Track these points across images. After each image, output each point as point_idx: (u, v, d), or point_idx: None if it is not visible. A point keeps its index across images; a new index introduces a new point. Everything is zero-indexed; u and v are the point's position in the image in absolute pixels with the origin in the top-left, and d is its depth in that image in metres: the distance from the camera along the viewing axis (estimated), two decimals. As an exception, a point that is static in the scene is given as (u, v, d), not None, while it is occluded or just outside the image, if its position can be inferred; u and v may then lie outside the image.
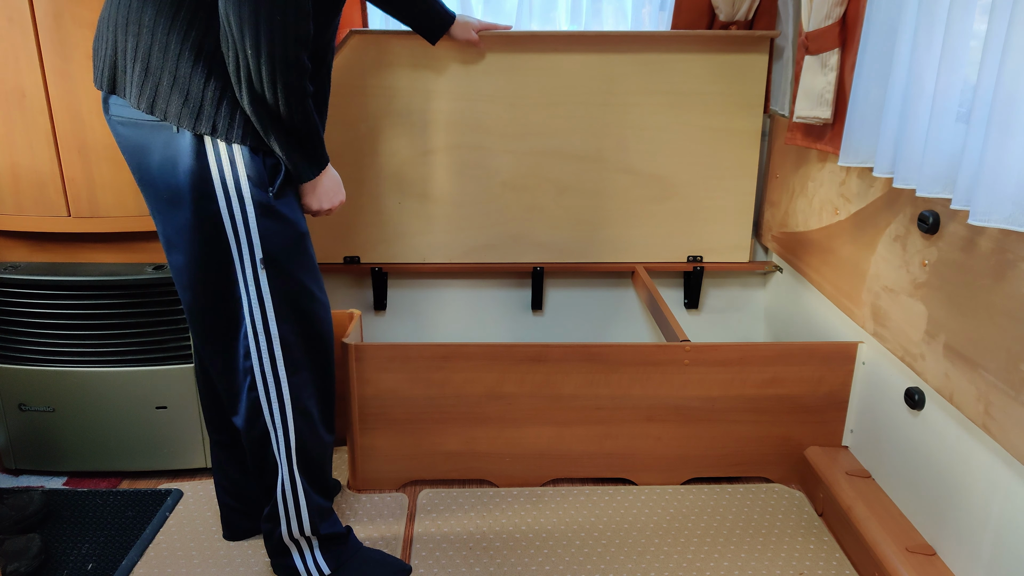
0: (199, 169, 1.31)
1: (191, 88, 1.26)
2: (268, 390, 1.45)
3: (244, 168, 1.31)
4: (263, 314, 1.40)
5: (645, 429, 1.91)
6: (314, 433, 1.52)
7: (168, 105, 1.28)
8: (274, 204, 1.35)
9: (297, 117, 1.28)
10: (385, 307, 2.43)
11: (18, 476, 1.97)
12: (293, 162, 1.34)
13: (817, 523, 1.82)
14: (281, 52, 1.21)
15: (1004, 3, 1.18)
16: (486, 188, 2.28)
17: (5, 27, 1.66)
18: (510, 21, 2.31)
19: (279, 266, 1.38)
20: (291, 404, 1.46)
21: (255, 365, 1.43)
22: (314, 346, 1.48)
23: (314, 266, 1.45)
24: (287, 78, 1.23)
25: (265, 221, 1.35)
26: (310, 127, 1.31)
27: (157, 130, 1.31)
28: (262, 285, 1.38)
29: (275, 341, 1.42)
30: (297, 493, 1.52)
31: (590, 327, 2.50)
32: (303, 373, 1.47)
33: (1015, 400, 1.28)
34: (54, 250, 1.87)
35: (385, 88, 2.18)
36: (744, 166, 2.30)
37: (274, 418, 1.47)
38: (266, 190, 1.33)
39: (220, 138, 1.28)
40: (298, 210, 1.41)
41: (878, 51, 1.59)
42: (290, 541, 1.56)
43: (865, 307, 1.78)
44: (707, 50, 2.19)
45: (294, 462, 1.50)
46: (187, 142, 1.29)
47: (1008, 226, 1.21)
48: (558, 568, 1.67)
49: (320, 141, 1.37)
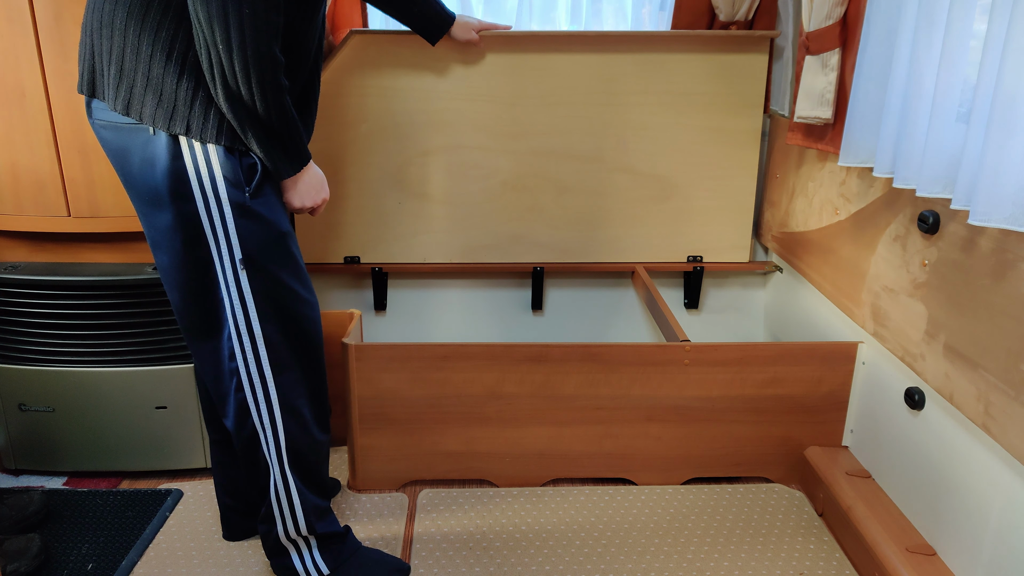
0: (176, 170, 1.31)
1: (164, 89, 1.27)
2: (255, 391, 1.45)
3: (220, 168, 1.31)
4: (245, 314, 1.40)
5: (645, 429, 1.91)
6: (306, 432, 1.52)
7: (143, 107, 1.28)
8: (251, 204, 1.34)
9: (274, 113, 1.27)
10: (385, 307, 2.43)
11: (18, 476, 1.97)
12: (272, 159, 1.33)
13: (817, 523, 1.82)
14: (253, 45, 1.20)
15: (1004, 3, 1.18)
16: (486, 188, 2.28)
17: (5, 27, 1.66)
18: (510, 21, 2.31)
19: (259, 266, 1.38)
20: (279, 404, 1.46)
21: (240, 366, 1.43)
22: (300, 345, 1.47)
23: (298, 265, 1.44)
24: (260, 72, 1.22)
25: (242, 221, 1.34)
26: (287, 123, 1.31)
27: (135, 132, 1.31)
28: (243, 285, 1.38)
29: (259, 341, 1.41)
30: (290, 493, 1.52)
31: (590, 327, 2.50)
32: (291, 373, 1.47)
33: (1015, 400, 1.28)
34: (54, 250, 1.87)
35: (385, 88, 2.17)
36: (744, 166, 2.30)
37: (262, 419, 1.47)
38: (243, 190, 1.33)
39: (195, 138, 1.29)
40: (278, 209, 1.39)
41: (878, 51, 1.59)
42: (287, 541, 1.56)
43: (865, 307, 1.78)
44: (707, 50, 2.19)
45: (285, 462, 1.50)
46: (163, 143, 1.30)
47: (1008, 226, 1.21)
48: (558, 568, 1.67)
49: (300, 137, 1.35)
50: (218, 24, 1.18)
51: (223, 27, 1.18)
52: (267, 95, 1.25)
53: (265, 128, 1.29)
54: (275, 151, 1.32)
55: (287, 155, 1.35)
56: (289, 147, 1.34)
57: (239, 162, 1.32)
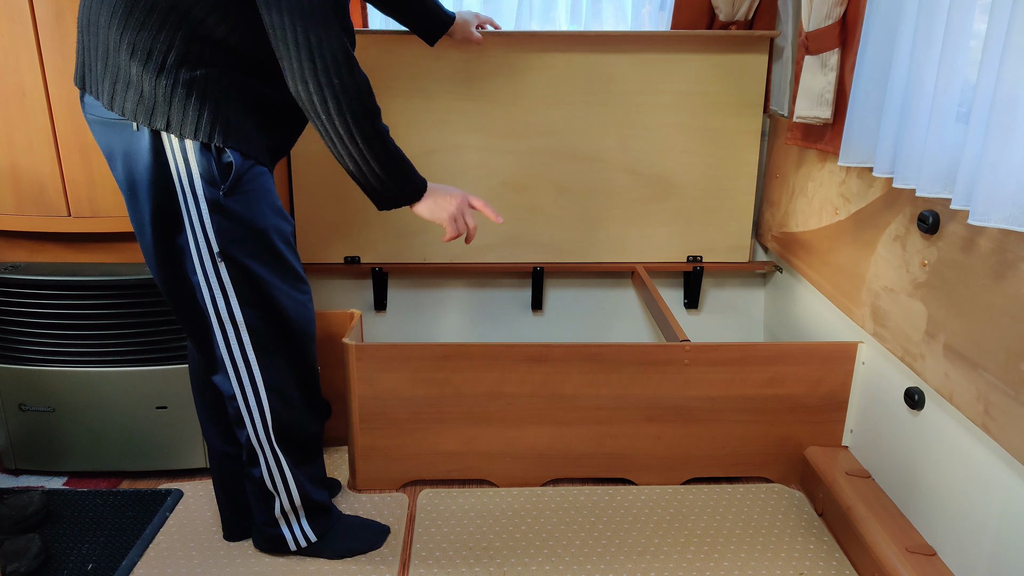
0: (158, 165, 1.34)
1: (144, 86, 1.28)
2: (240, 373, 1.47)
3: (196, 165, 1.32)
4: (227, 303, 1.42)
5: (645, 429, 1.91)
6: (293, 411, 1.55)
7: (126, 102, 1.30)
8: (225, 202, 1.35)
9: (382, 158, 1.37)
10: (385, 307, 2.43)
11: (18, 476, 1.97)
12: (390, 196, 1.43)
13: (817, 523, 1.82)
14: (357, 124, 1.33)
15: (1004, 3, 1.18)
16: (486, 188, 2.28)
17: (5, 27, 1.66)
18: (510, 21, 2.31)
19: (235, 261, 1.39)
20: (264, 384, 1.49)
21: (224, 353, 1.46)
22: (284, 333, 1.49)
23: (280, 259, 1.44)
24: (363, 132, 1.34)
25: (217, 217, 1.36)
26: (396, 161, 1.40)
27: (121, 127, 1.34)
28: (223, 277, 1.40)
29: (242, 328, 1.44)
30: (283, 468, 1.57)
31: (590, 327, 2.50)
32: (276, 357, 1.49)
33: (1015, 400, 1.28)
34: (54, 250, 1.87)
35: (385, 88, 2.18)
36: (744, 166, 2.30)
37: (247, 400, 1.49)
38: (218, 187, 1.34)
39: (174, 133, 1.30)
40: (259, 207, 1.39)
41: (878, 51, 1.59)
42: (280, 515, 1.62)
43: (865, 307, 1.78)
44: (707, 50, 2.19)
45: (273, 439, 1.54)
46: (146, 139, 1.32)
47: (1008, 226, 1.21)
48: (558, 568, 1.67)
49: (408, 170, 1.42)
50: (329, 110, 1.31)
51: (339, 117, 1.31)
52: (374, 147, 1.37)
53: (376, 175, 1.39)
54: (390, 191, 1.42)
55: (400, 191, 1.44)
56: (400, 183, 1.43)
57: (215, 159, 1.33)
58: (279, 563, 1.67)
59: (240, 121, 1.34)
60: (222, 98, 1.31)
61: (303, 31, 1.24)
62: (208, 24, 1.27)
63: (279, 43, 1.26)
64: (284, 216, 1.45)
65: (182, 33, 1.27)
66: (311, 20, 1.24)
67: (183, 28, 1.26)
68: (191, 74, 1.28)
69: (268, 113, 1.39)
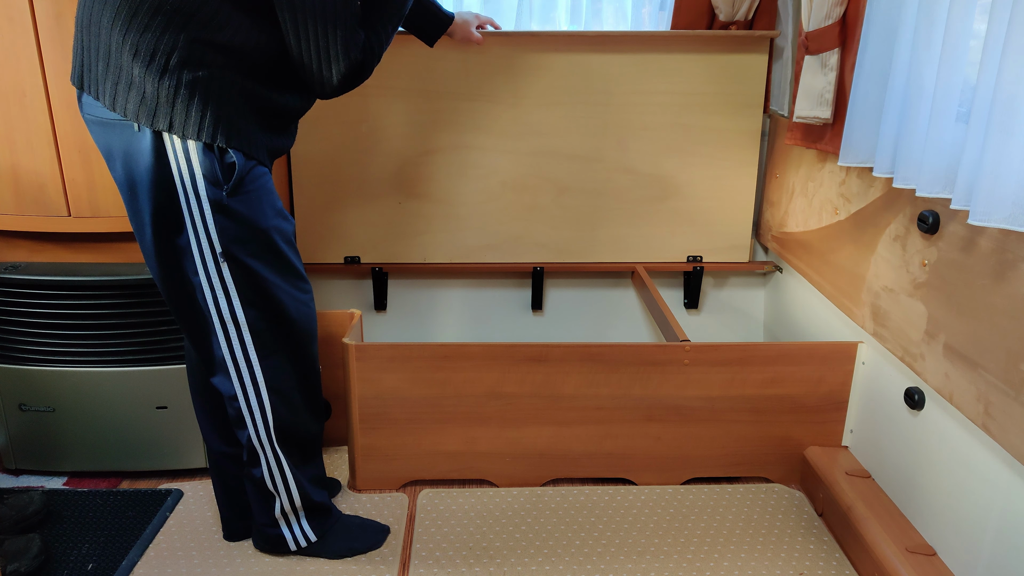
0: (160, 166, 1.33)
1: (147, 87, 1.28)
2: (241, 374, 1.48)
3: (199, 165, 1.33)
4: (229, 303, 1.42)
5: (645, 429, 1.91)
6: (297, 415, 1.55)
7: (127, 103, 1.30)
8: (228, 202, 1.36)
9: (385, 42, 1.45)
10: (385, 307, 2.43)
11: (18, 476, 1.97)
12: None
13: (817, 523, 1.82)
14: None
15: (1004, 3, 1.18)
16: (486, 188, 2.28)
17: (5, 27, 1.66)
18: (510, 21, 2.31)
19: (238, 261, 1.40)
20: (265, 384, 1.49)
21: (226, 352, 1.46)
22: (286, 333, 1.49)
23: (282, 259, 1.45)
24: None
25: (219, 217, 1.36)
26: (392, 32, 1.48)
27: (121, 128, 1.33)
28: (225, 277, 1.40)
29: (244, 327, 1.44)
30: (284, 470, 1.57)
31: (590, 327, 2.50)
32: (278, 358, 1.49)
33: (1015, 400, 1.28)
34: (54, 250, 1.87)
35: (385, 88, 2.18)
36: (744, 166, 2.30)
37: (249, 400, 1.50)
38: (220, 188, 1.34)
39: (176, 134, 1.30)
40: (260, 207, 1.40)
41: (878, 51, 1.59)
42: (280, 515, 1.62)
43: (865, 307, 1.78)
44: (707, 50, 2.19)
45: (274, 440, 1.54)
46: (148, 139, 1.32)
47: (1008, 226, 1.21)
48: (558, 568, 1.67)
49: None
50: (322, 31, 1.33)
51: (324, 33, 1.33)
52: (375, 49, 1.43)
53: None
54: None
55: None
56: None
57: (218, 160, 1.33)
58: (279, 563, 1.67)
59: (242, 122, 1.34)
60: (224, 99, 1.31)
61: (322, 29, 1.31)
62: (211, 27, 1.28)
63: (289, 29, 1.31)
64: (285, 216, 1.45)
65: (185, 35, 1.27)
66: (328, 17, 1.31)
67: (187, 30, 1.27)
68: (193, 75, 1.28)
69: (269, 114, 1.40)
